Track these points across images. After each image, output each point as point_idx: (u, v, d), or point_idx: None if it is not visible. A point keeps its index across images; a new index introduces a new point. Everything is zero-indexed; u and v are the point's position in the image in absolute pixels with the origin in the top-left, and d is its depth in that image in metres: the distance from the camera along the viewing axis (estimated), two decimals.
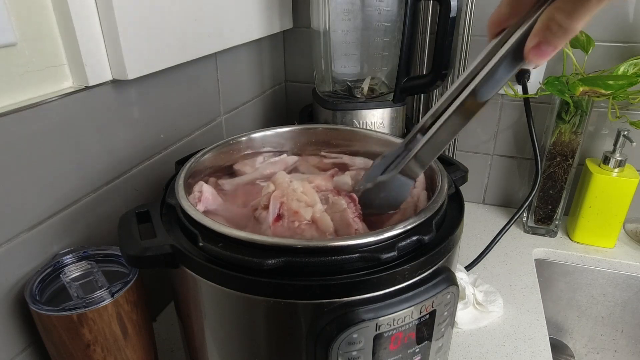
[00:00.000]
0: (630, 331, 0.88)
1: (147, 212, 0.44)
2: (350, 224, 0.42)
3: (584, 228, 0.85)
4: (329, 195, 0.45)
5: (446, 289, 0.38)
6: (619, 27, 0.78)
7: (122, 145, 0.56)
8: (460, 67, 0.86)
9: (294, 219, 0.42)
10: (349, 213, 0.42)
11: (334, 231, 0.41)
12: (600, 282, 0.85)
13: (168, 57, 0.58)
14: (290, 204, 0.43)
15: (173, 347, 0.63)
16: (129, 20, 0.50)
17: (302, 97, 1.03)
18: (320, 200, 0.44)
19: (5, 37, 0.41)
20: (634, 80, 0.71)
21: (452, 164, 0.52)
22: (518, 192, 0.97)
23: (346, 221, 0.42)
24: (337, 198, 0.44)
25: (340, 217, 0.42)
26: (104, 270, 0.47)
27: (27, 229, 0.46)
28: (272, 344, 0.38)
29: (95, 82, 0.50)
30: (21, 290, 0.45)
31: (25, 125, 0.43)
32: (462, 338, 0.65)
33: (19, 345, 0.47)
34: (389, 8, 0.72)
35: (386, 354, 0.37)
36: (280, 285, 0.35)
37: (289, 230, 0.42)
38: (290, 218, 0.42)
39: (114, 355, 0.45)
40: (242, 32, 0.76)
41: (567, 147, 0.81)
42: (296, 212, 0.42)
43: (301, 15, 0.94)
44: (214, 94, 0.75)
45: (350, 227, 0.41)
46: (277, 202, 0.43)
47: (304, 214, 0.42)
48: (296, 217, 0.42)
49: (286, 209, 0.43)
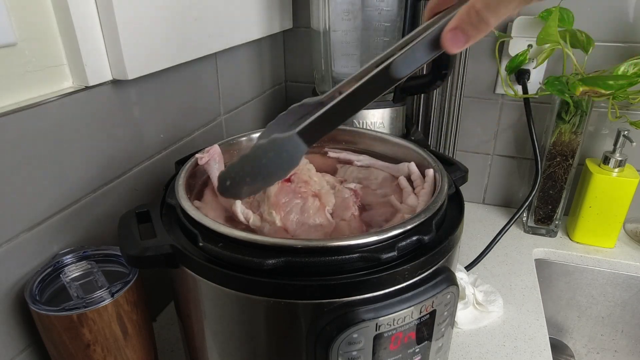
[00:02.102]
0: (630, 331, 0.88)
1: (147, 212, 0.44)
2: (349, 207, 0.45)
3: (584, 228, 0.85)
4: (335, 184, 0.49)
5: (446, 289, 0.38)
6: (619, 27, 0.78)
7: (122, 145, 0.56)
8: (460, 67, 0.86)
9: (302, 186, 0.45)
10: (351, 200, 0.46)
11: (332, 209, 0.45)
12: (600, 282, 0.85)
13: (168, 57, 0.58)
14: (302, 175, 0.46)
15: (173, 347, 0.63)
16: (129, 20, 0.50)
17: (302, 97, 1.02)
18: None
19: (5, 37, 0.41)
20: (634, 80, 0.71)
21: (452, 164, 0.52)
22: (518, 192, 0.97)
23: (346, 204, 0.45)
24: (342, 187, 0.49)
25: (342, 200, 0.46)
26: (104, 270, 0.47)
27: (27, 229, 0.46)
28: (272, 344, 0.38)
29: (95, 82, 0.50)
30: (21, 290, 0.45)
31: (25, 125, 0.43)
32: (462, 338, 0.65)
33: (19, 345, 0.47)
34: (389, 8, 0.72)
35: (386, 354, 0.37)
36: (280, 285, 0.35)
37: (293, 193, 0.44)
38: (299, 184, 0.45)
39: (114, 355, 0.45)
40: (242, 32, 0.76)
41: (567, 147, 0.81)
42: (306, 181, 0.45)
43: (301, 15, 0.94)
44: (214, 94, 0.75)
45: (348, 210, 0.45)
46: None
47: (312, 185, 0.45)
48: (304, 185, 0.45)
49: (297, 177, 0.46)
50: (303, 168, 0.48)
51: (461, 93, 0.89)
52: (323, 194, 0.46)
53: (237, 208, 0.44)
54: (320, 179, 0.48)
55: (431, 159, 0.51)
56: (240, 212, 0.44)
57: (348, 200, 0.46)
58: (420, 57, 0.32)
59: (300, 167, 0.48)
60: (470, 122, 0.93)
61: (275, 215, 0.42)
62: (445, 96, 0.90)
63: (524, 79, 0.83)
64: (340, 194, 0.47)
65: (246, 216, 0.44)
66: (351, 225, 0.44)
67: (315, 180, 0.47)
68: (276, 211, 0.42)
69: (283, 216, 0.42)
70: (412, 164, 0.52)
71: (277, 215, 0.42)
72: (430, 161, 0.50)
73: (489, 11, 0.28)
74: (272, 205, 0.43)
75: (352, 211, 0.45)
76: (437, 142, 0.95)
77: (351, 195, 0.47)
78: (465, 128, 0.93)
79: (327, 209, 0.45)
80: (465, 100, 0.90)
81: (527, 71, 0.83)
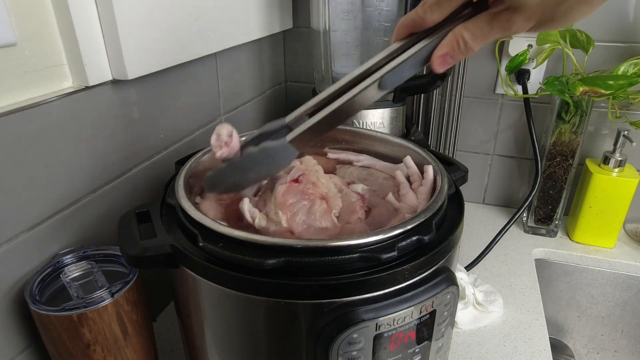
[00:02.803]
0: (630, 331, 0.88)
1: (147, 212, 0.44)
2: (356, 211, 0.45)
3: (584, 228, 0.85)
4: (342, 188, 0.49)
5: (446, 289, 0.38)
6: (619, 27, 0.78)
7: (122, 145, 0.56)
8: (460, 67, 0.86)
9: (309, 187, 0.45)
10: (357, 205, 0.46)
11: (339, 212, 0.45)
12: (600, 282, 0.85)
13: (168, 57, 0.58)
14: (311, 176, 0.46)
15: (173, 347, 0.63)
16: (129, 20, 0.50)
17: (302, 97, 1.03)
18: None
19: (5, 37, 0.41)
20: (634, 80, 0.71)
21: (452, 164, 0.52)
22: (518, 192, 0.97)
23: (353, 208, 0.45)
24: (349, 191, 0.49)
25: (348, 204, 0.46)
26: (104, 270, 0.47)
27: (27, 229, 0.46)
28: (272, 344, 0.38)
29: (95, 82, 0.50)
30: (21, 290, 0.45)
31: (25, 125, 0.43)
32: (462, 338, 0.65)
33: (19, 345, 0.47)
34: (389, 8, 0.72)
35: (386, 354, 0.37)
36: (280, 285, 0.35)
37: (301, 194, 0.44)
38: (307, 185, 0.45)
39: (114, 355, 0.45)
40: (242, 32, 0.76)
41: (567, 147, 0.81)
42: (314, 183, 0.45)
43: (301, 15, 0.94)
44: (214, 94, 0.75)
45: (355, 214, 0.45)
46: (300, 171, 0.46)
47: (320, 187, 0.45)
48: (312, 187, 0.45)
49: (305, 178, 0.46)
50: (311, 169, 0.48)
51: (461, 93, 0.89)
52: (330, 197, 0.45)
53: (245, 206, 0.43)
54: (328, 181, 0.48)
55: (431, 159, 0.51)
56: (247, 210, 0.43)
57: (355, 205, 0.46)
58: (408, 73, 0.36)
59: (309, 167, 0.48)
60: (470, 122, 0.93)
61: (282, 215, 0.42)
62: (445, 96, 0.90)
63: (524, 79, 0.83)
64: (347, 197, 0.47)
65: (252, 215, 0.43)
66: (355, 228, 0.44)
67: (323, 182, 0.47)
68: (283, 211, 0.42)
69: (289, 217, 0.42)
70: (408, 157, 0.52)
71: (284, 216, 0.42)
72: (430, 161, 0.50)
73: (475, 41, 0.33)
74: (279, 205, 0.42)
75: (358, 215, 0.45)
76: (437, 142, 0.95)
77: (358, 199, 0.47)
78: (465, 128, 0.93)
79: (333, 212, 0.44)
80: (465, 100, 0.90)
81: (527, 71, 0.83)
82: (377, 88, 0.36)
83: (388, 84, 0.36)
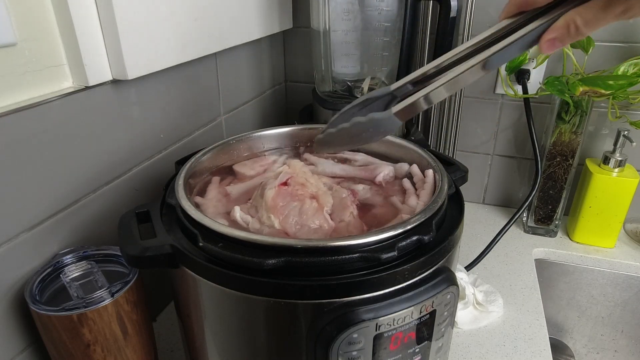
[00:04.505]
0: (630, 331, 0.88)
1: (147, 212, 0.44)
2: (347, 206, 0.45)
3: (584, 228, 0.85)
4: (332, 185, 0.50)
5: (446, 289, 0.38)
6: (619, 27, 0.78)
7: (122, 145, 0.56)
8: None
9: (298, 188, 0.45)
10: (348, 200, 0.46)
11: (331, 210, 0.45)
12: (600, 282, 0.85)
13: (168, 57, 0.58)
14: (299, 178, 0.46)
15: (173, 347, 0.63)
16: (129, 20, 0.50)
17: (302, 97, 1.03)
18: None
19: (5, 37, 0.41)
20: (634, 80, 0.71)
21: (452, 164, 0.52)
22: (518, 192, 0.97)
23: (344, 203, 0.45)
24: (339, 187, 0.49)
25: (339, 200, 0.46)
26: (104, 270, 0.47)
27: (27, 229, 0.46)
28: (272, 344, 0.38)
29: (95, 82, 0.50)
30: (21, 290, 0.45)
31: (25, 125, 0.43)
32: (462, 338, 0.65)
33: (19, 345, 0.47)
34: (389, 8, 0.72)
35: (386, 354, 0.37)
36: (280, 285, 0.35)
37: (290, 196, 0.44)
38: (295, 187, 0.45)
39: (114, 355, 0.45)
40: (242, 32, 0.76)
41: (567, 147, 0.81)
42: (303, 184, 0.46)
43: (301, 15, 0.94)
44: (214, 94, 0.75)
45: (347, 209, 0.45)
46: (287, 175, 0.46)
47: (309, 187, 0.46)
48: (301, 188, 0.45)
49: (294, 180, 0.46)
50: (299, 171, 0.48)
51: (461, 93, 0.89)
52: (320, 195, 0.46)
53: (236, 214, 0.44)
54: (317, 181, 0.48)
55: (431, 159, 0.51)
56: (239, 217, 0.44)
57: (346, 200, 0.46)
58: (514, 55, 0.35)
59: (297, 170, 0.48)
60: (470, 122, 0.93)
61: (274, 219, 0.42)
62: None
63: (524, 79, 0.83)
64: (337, 194, 0.47)
65: (245, 221, 0.44)
66: (350, 225, 0.44)
67: (311, 182, 0.47)
68: (275, 215, 0.42)
69: (282, 219, 0.42)
70: (415, 166, 0.52)
71: (276, 219, 0.42)
72: (430, 161, 0.50)
73: (587, 27, 0.31)
74: (270, 209, 0.43)
75: (350, 210, 0.45)
76: (437, 142, 0.95)
77: (349, 194, 0.47)
78: (465, 128, 0.93)
79: (325, 209, 0.44)
80: (465, 100, 0.90)
81: (527, 71, 0.83)
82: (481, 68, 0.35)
83: (494, 64, 0.35)
